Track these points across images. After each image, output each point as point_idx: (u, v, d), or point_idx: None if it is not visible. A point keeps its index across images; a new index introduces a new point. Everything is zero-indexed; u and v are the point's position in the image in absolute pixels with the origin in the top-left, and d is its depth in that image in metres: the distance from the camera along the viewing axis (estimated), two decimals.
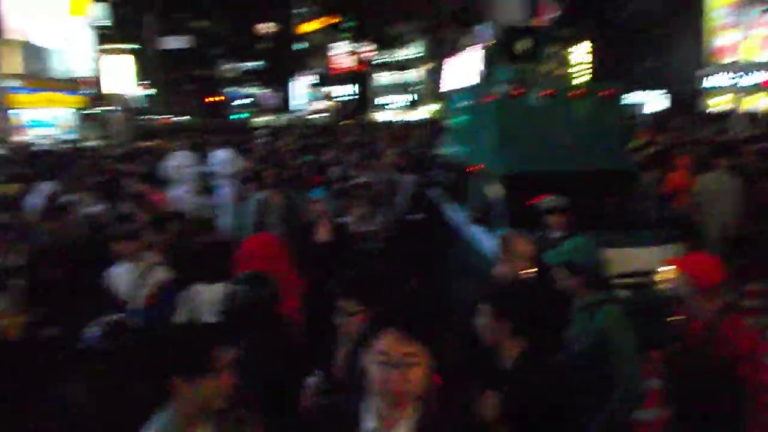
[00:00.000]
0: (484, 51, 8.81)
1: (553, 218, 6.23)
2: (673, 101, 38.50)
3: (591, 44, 7.93)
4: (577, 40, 8.18)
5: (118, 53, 25.64)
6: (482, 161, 8.28)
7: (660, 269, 6.90)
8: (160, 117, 62.83)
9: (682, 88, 39.28)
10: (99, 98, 31.37)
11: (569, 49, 8.57)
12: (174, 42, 29.63)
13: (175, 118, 67.80)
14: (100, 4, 37.42)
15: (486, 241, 7.33)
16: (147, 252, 5.41)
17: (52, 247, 6.11)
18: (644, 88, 39.34)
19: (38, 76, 28.04)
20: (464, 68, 9.68)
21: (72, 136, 30.35)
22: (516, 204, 7.32)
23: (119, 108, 25.44)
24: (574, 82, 8.78)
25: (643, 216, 7.47)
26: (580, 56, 7.97)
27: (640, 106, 41.39)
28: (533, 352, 3.22)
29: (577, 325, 3.86)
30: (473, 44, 8.80)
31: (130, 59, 24.98)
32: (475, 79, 9.32)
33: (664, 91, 38.95)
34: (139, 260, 5.28)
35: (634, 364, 3.70)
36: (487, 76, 8.80)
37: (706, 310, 3.74)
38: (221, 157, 10.11)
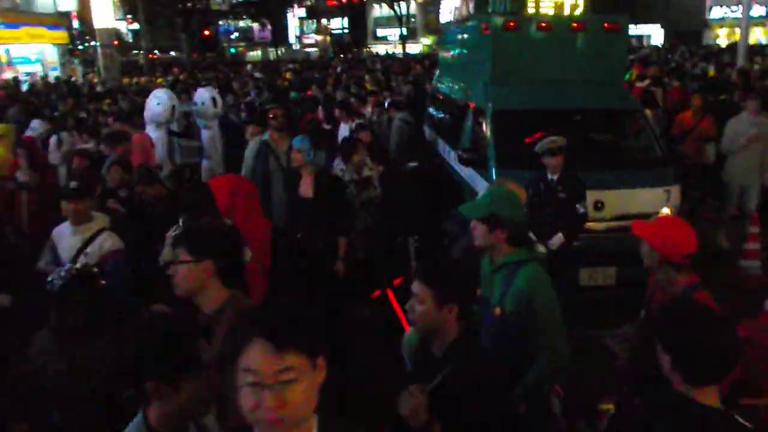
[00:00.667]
0: None
1: (551, 160, 5.87)
2: (675, 34, 37.60)
3: None
4: None
5: None
6: (475, 97, 7.85)
7: (661, 211, 6.64)
8: (147, 52, 61.45)
9: (685, 20, 38.35)
10: (83, 33, 30.41)
11: None
12: None
13: (162, 54, 66.39)
14: None
15: (479, 184, 6.98)
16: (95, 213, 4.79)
17: None
18: (644, 21, 38.38)
19: (18, 10, 27.00)
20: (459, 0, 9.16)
21: (56, 73, 29.54)
22: (509, 143, 6.95)
23: (102, 43, 24.53)
24: (575, 13, 8.11)
25: (645, 156, 7.10)
26: None
27: (640, 38, 40.55)
28: (466, 338, 2.74)
29: (496, 285, 3.39)
30: None
31: None
32: (467, 10, 8.74)
33: (660, 24, 38.00)
34: (84, 223, 4.60)
35: (560, 326, 3.31)
36: (480, 6, 8.22)
37: (674, 283, 3.39)
38: (204, 96, 9.39)
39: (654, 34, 41.39)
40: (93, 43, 26.62)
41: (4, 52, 26.58)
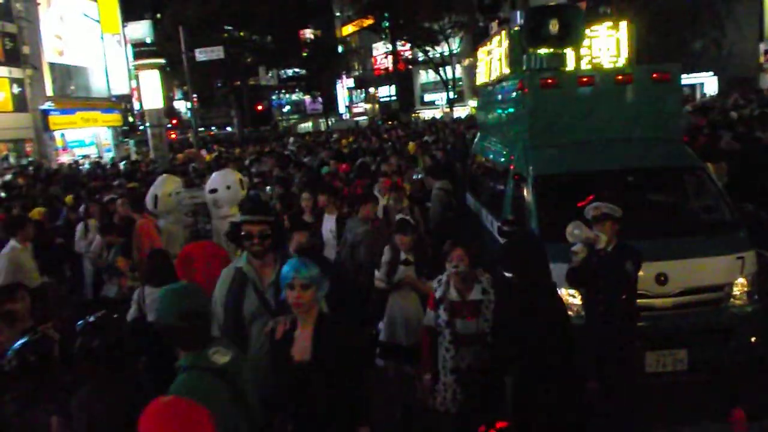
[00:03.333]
0: (510, 36, 7.62)
1: (602, 227, 5.13)
2: (729, 81, 36.39)
3: (631, 23, 6.90)
4: (616, 18, 7.10)
5: (150, 68, 25.22)
6: (515, 162, 7.20)
7: (735, 281, 5.78)
8: (196, 129, 63.29)
9: (740, 66, 37.17)
10: (135, 115, 31.23)
11: (607, 30, 7.36)
12: (208, 53, 29.12)
13: (219, 130, 68.32)
14: (141, 22, 37.68)
15: None
16: None
17: None
18: (696, 70, 37.35)
19: (71, 97, 27.96)
20: (493, 58, 8.60)
21: (110, 154, 30.30)
22: (554, 211, 6.24)
23: (151, 123, 24.98)
24: (617, 65, 7.44)
25: (711, 218, 6.26)
26: (621, 37, 6.90)
27: (693, 87, 39.46)
28: None
29: None
30: (501, 30, 7.84)
31: (157, 74, 24.50)
32: (503, 69, 8.19)
33: (710, 73, 36.83)
34: None
35: None
36: (515, 64, 7.65)
37: None
38: (215, 180, 8.21)
39: (707, 82, 40.27)
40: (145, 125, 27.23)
41: (60, 137, 27.40)
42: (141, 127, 47.22)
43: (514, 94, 7.41)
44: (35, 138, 25.97)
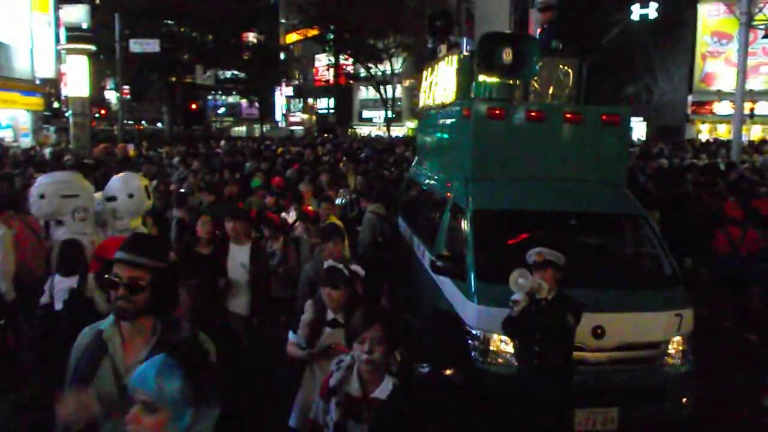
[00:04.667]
0: (460, 61, 7.26)
1: (543, 274, 4.78)
2: (658, 129, 37.62)
3: (581, 62, 6.72)
4: (568, 55, 6.91)
5: (79, 53, 23.90)
6: (454, 193, 6.82)
7: (672, 339, 5.53)
8: (134, 123, 60.99)
9: (668, 114, 38.50)
10: (62, 101, 29.65)
11: (559, 66, 7.14)
12: (143, 45, 27.90)
13: (149, 125, 66.03)
14: (78, 6, 35.84)
15: (457, 298, 5.84)
16: None
17: None
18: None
19: None
20: (439, 81, 8.24)
21: (27, 140, 28.57)
22: (493, 250, 5.87)
23: (73, 112, 23.64)
24: (565, 103, 7.18)
25: (652, 271, 6.02)
26: (570, 75, 6.71)
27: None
28: None
29: None
30: (450, 54, 7.50)
31: (85, 60, 23.26)
32: (449, 95, 7.83)
33: (641, 118, 38.00)
34: None
35: None
36: (462, 91, 7.30)
37: None
38: (115, 186, 7.07)
39: (636, 128, 41.54)
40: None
41: None
42: (67, 114, 45.26)
43: (459, 121, 7.05)
44: None
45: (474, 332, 5.46)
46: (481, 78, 6.94)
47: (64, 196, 6.65)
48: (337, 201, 9.75)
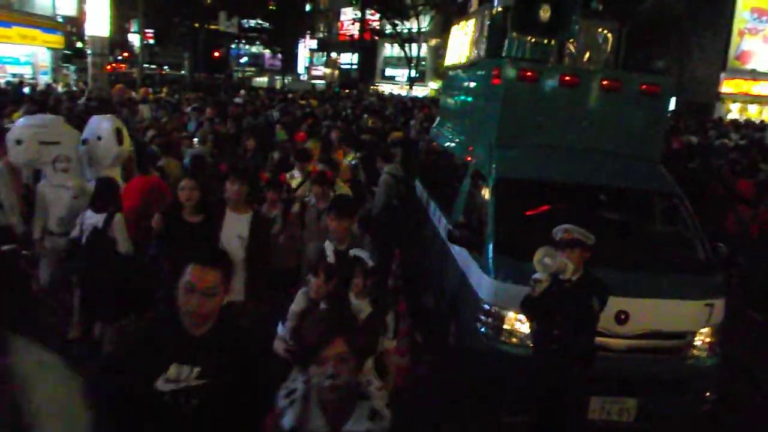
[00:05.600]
0: (491, 17, 6.76)
1: (570, 254, 4.40)
2: (687, 105, 36.62)
3: (621, 26, 6.30)
4: (608, 18, 6.46)
5: None
6: (477, 159, 6.41)
7: (697, 331, 5.16)
8: (156, 68, 60.43)
9: (699, 91, 37.46)
10: (81, 40, 29.19)
11: (598, 29, 6.64)
12: None
13: (172, 71, 65.50)
14: None
15: (472, 270, 5.49)
16: None
17: None
18: None
19: (10, 9, 25.74)
20: (468, 38, 7.73)
21: (46, 78, 28.24)
22: (515, 222, 5.49)
23: (93, 52, 23.19)
24: (604, 69, 6.68)
25: (684, 256, 5.60)
26: (609, 40, 6.25)
27: None
28: None
29: None
30: (484, 9, 7.02)
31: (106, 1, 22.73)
32: (478, 53, 7.34)
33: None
34: None
35: None
36: (493, 50, 6.81)
37: None
38: (89, 128, 6.68)
39: None
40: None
41: None
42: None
43: (487, 81, 6.59)
44: None
45: (487, 308, 5.12)
46: (515, 36, 6.46)
47: (43, 143, 6.21)
48: (346, 161, 9.23)
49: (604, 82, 6.09)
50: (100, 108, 12.34)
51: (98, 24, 23.30)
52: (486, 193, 5.73)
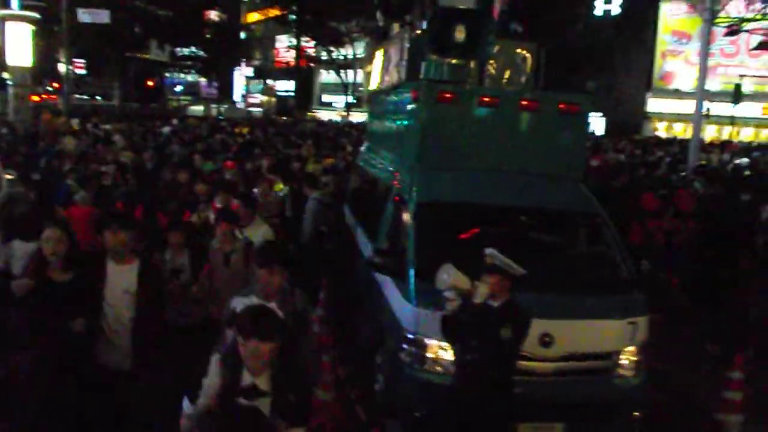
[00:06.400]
0: (410, 40, 6.68)
1: (488, 278, 4.28)
2: (616, 124, 37.73)
3: (540, 48, 6.37)
4: (527, 40, 6.53)
5: (22, 20, 22.56)
6: (399, 182, 6.28)
7: (623, 350, 5.10)
8: (89, 98, 58.85)
9: (627, 111, 38.69)
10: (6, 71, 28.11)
11: (517, 50, 6.71)
12: (93, 15, 26.51)
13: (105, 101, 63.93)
14: None
15: (393, 296, 5.33)
16: None
17: None
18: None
19: None
20: (389, 62, 7.68)
21: None
22: (435, 246, 5.34)
23: (15, 83, 22.37)
24: (521, 89, 6.66)
25: (607, 275, 5.56)
26: (528, 61, 6.32)
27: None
28: None
29: None
30: (402, 33, 6.95)
31: (26, 28, 21.99)
32: (398, 76, 7.25)
33: (600, 114, 38.06)
34: None
35: None
36: (412, 72, 6.74)
37: None
38: None
39: (595, 123, 41.65)
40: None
41: None
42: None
43: (407, 105, 6.49)
44: None
45: (410, 336, 4.95)
46: (432, 58, 6.40)
47: None
48: (279, 193, 8.93)
49: (523, 103, 6.07)
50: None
51: (19, 54, 22.54)
52: (407, 217, 5.59)
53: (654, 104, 39.69)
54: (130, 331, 4.28)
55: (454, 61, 6.36)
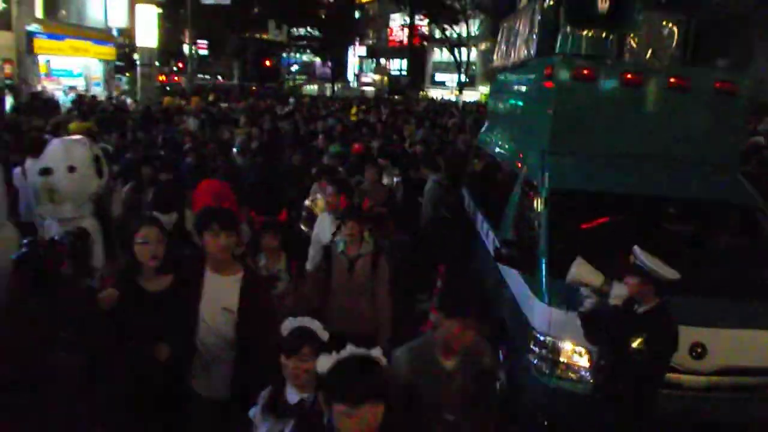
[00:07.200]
0: (542, 11, 6.14)
1: (631, 281, 3.77)
2: (759, 105, 34.86)
3: (689, 18, 5.68)
4: (674, 10, 5.85)
5: (148, 2, 23.49)
6: (527, 168, 5.80)
7: None
8: (210, 78, 61.22)
9: (765, 90, 35.72)
10: (132, 51, 29.50)
11: (663, 21, 5.97)
12: None
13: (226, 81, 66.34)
14: None
15: (521, 292, 4.90)
16: None
17: None
18: None
19: (62, 22, 26.12)
20: (518, 36, 7.16)
21: (98, 89, 28.63)
22: (571, 239, 4.85)
23: (141, 62, 23.33)
24: (668, 65, 5.96)
25: None
26: (675, 33, 5.64)
27: None
28: None
29: None
30: (534, 3, 6.44)
31: (153, 10, 22.82)
32: (528, 51, 6.73)
33: None
34: None
35: None
36: (545, 46, 6.19)
37: None
38: (52, 154, 5.16)
39: None
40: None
41: (44, 63, 25.64)
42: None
43: (538, 82, 5.97)
44: (16, 60, 24.26)
45: (541, 338, 4.50)
46: (568, 31, 5.82)
47: None
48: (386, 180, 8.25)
49: (672, 80, 5.40)
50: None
51: (146, 35, 23.51)
52: (538, 206, 5.11)
53: None
54: (230, 356, 3.55)
55: (592, 33, 5.74)
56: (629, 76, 5.38)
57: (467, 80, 48.36)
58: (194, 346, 3.54)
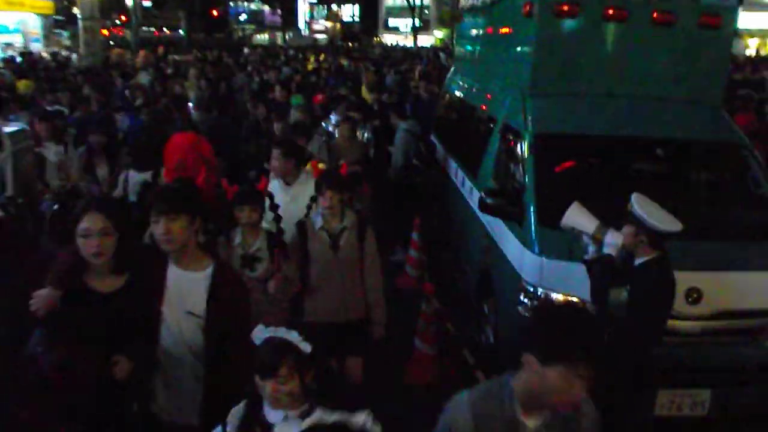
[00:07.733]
0: None
1: (626, 230, 3.58)
2: None
3: None
4: None
5: None
6: (507, 113, 5.54)
7: None
8: (155, 30, 59.06)
9: None
10: (71, 4, 28.09)
11: None
12: None
13: (171, 32, 64.02)
14: None
15: (507, 240, 4.69)
16: None
17: None
18: None
19: None
20: None
21: (38, 45, 27.27)
22: (558, 185, 4.64)
23: (83, 16, 22.10)
24: None
25: (761, 218, 4.75)
26: None
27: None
28: None
29: None
30: None
31: None
32: None
33: None
34: None
35: None
36: None
37: None
38: None
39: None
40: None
41: None
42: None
43: (516, 18, 5.66)
44: None
45: (531, 290, 4.31)
46: None
47: None
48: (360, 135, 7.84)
49: (655, 15, 5.15)
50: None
51: None
52: (521, 151, 4.87)
53: (745, 19, 36.69)
54: (199, 371, 2.84)
55: None
56: (611, 10, 5.10)
57: (421, 24, 47.58)
58: (155, 358, 2.80)
